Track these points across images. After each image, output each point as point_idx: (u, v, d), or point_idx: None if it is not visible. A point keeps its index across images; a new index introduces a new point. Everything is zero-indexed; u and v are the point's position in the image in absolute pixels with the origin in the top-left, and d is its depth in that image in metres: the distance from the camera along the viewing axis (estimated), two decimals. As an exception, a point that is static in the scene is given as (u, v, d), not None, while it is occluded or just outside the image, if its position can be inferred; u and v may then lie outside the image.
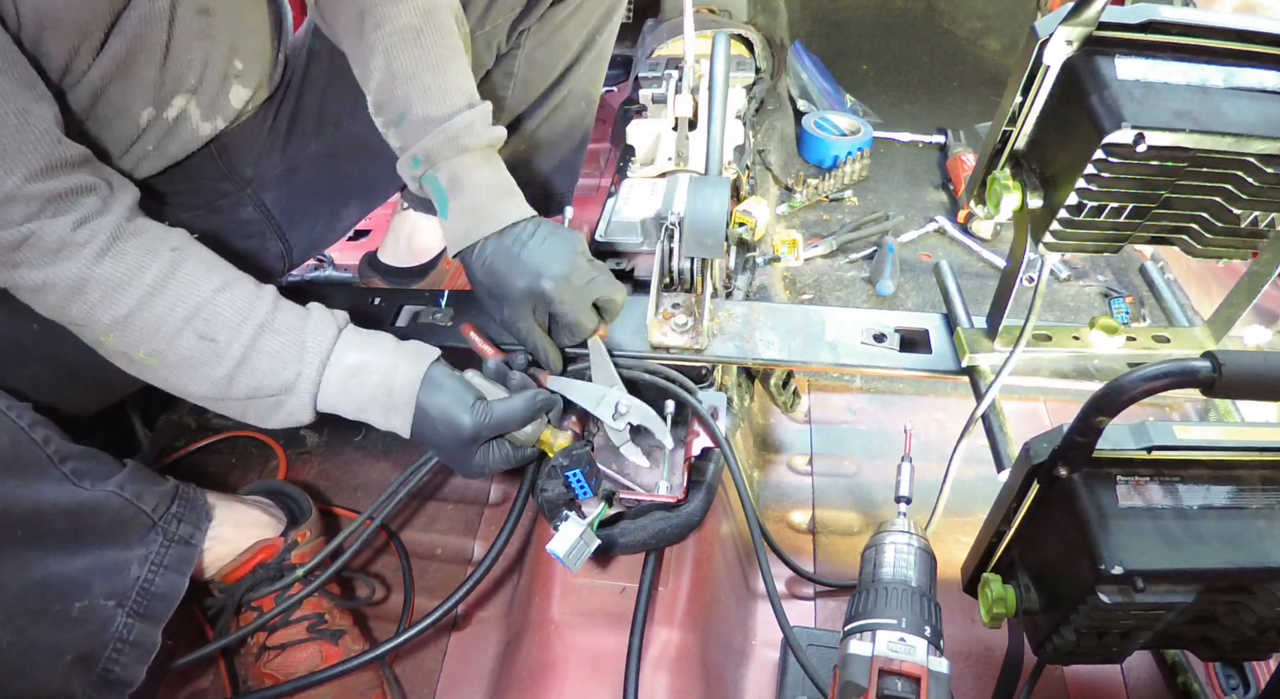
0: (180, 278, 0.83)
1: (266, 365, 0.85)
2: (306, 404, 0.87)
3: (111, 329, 0.81)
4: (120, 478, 0.88)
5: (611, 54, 1.35)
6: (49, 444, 0.82)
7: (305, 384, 0.86)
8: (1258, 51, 0.74)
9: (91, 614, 0.84)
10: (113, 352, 0.83)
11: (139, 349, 0.82)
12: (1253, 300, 0.94)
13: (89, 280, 0.78)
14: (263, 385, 0.85)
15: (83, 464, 0.85)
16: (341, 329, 0.90)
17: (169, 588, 0.90)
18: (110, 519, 0.86)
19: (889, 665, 0.68)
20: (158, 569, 0.89)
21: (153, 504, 0.90)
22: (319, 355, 0.87)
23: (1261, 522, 0.66)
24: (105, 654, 0.85)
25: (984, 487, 0.90)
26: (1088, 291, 1.60)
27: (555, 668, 0.90)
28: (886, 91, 2.29)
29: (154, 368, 0.84)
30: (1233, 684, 0.98)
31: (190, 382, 0.84)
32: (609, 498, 0.90)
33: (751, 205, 1.49)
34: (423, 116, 0.94)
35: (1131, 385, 0.60)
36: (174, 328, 0.82)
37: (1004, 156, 0.84)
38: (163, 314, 0.81)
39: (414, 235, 1.42)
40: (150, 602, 0.88)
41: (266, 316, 0.86)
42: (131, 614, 0.86)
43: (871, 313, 1.11)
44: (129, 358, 0.83)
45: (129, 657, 0.86)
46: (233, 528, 1.01)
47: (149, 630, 0.88)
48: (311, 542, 1.06)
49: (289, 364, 0.85)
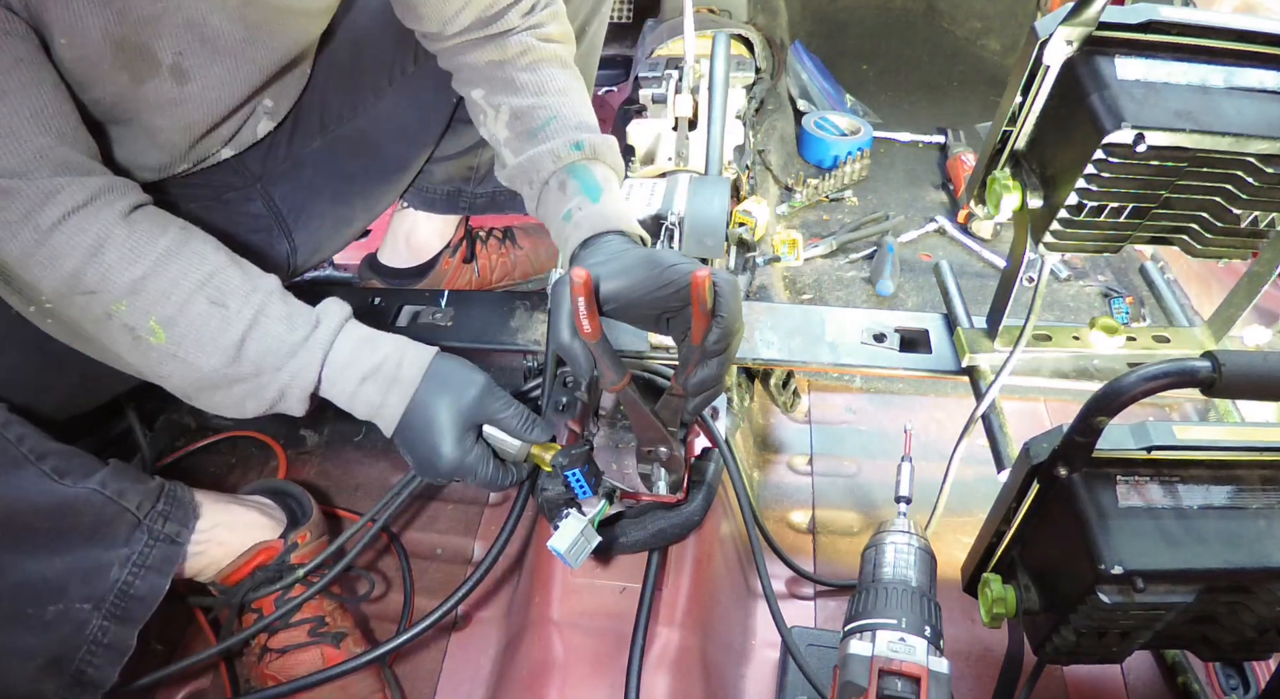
0: (193, 248, 0.83)
1: (277, 330, 0.83)
2: (315, 363, 0.83)
3: (125, 295, 0.79)
4: (102, 476, 0.87)
5: (612, 54, 1.36)
6: (23, 442, 0.81)
7: (318, 342, 0.84)
8: (1258, 51, 0.74)
9: (66, 618, 0.83)
10: (119, 327, 0.80)
11: (149, 317, 0.80)
12: (1253, 300, 0.94)
13: (108, 239, 0.77)
14: (272, 351, 0.82)
15: (63, 462, 0.84)
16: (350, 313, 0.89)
17: (149, 590, 0.89)
18: (92, 518, 0.85)
19: (889, 665, 0.68)
20: (139, 570, 0.88)
21: (136, 502, 0.89)
22: (334, 321, 0.86)
23: (1261, 522, 0.66)
24: (78, 656, 0.84)
25: (984, 487, 0.90)
26: (1088, 291, 1.60)
27: (555, 668, 0.90)
28: (886, 91, 2.29)
29: (159, 344, 0.81)
30: (1233, 684, 0.98)
31: (199, 353, 0.81)
32: (609, 495, 0.90)
33: (751, 205, 1.49)
34: (578, 122, 0.95)
35: (1131, 385, 0.60)
36: (186, 292, 0.80)
37: (1004, 156, 0.84)
38: (177, 277, 0.80)
39: (413, 233, 1.42)
40: (128, 604, 0.87)
41: (276, 287, 0.85)
42: (108, 616, 0.86)
43: (871, 313, 1.11)
44: (134, 334, 0.80)
45: (103, 659, 0.85)
46: (228, 530, 1.00)
47: (124, 632, 0.87)
48: (312, 543, 1.06)
49: (299, 327, 0.84)
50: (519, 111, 0.95)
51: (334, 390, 0.86)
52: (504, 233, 1.55)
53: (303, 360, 0.83)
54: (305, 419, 1.37)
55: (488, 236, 1.53)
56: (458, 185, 1.36)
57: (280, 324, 0.83)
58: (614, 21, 2.24)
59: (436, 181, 1.35)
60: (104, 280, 0.78)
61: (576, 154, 0.92)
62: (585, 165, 0.92)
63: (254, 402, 0.85)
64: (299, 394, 0.84)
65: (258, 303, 0.83)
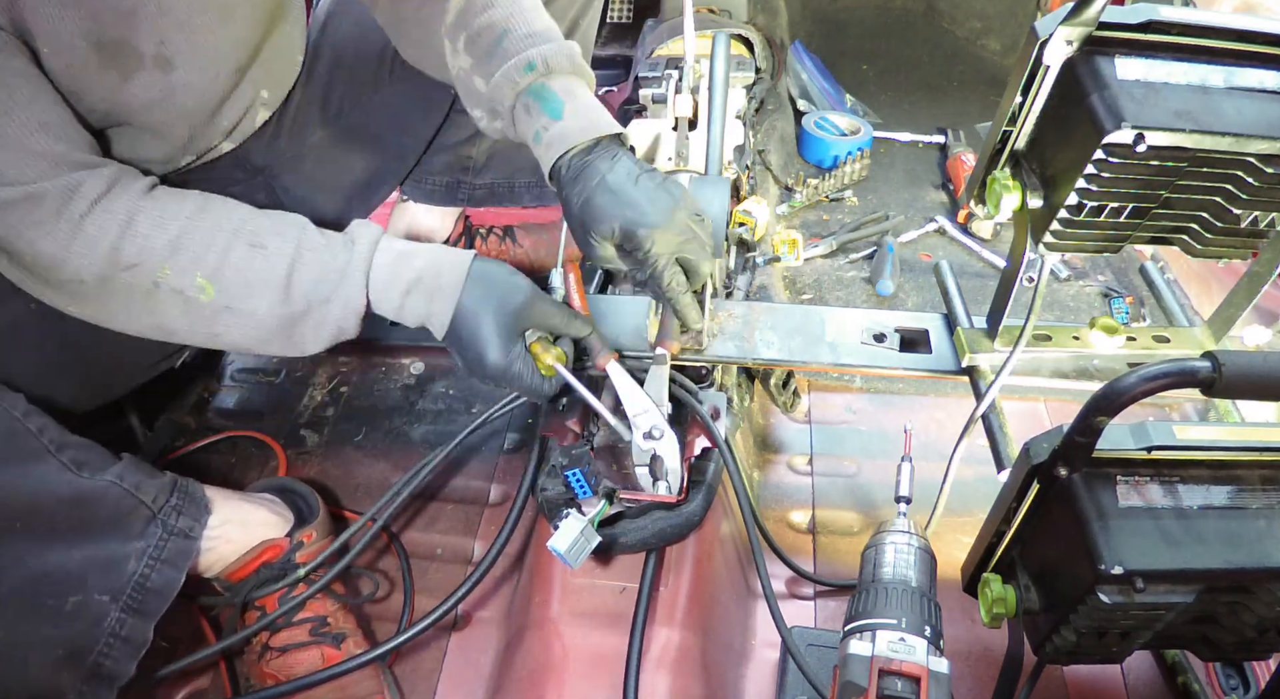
0: (217, 204, 0.86)
1: (318, 259, 0.86)
2: (360, 287, 0.86)
3: (166, 257, 0.81)
4: (119, 469, 0.88)
5: (612, 54, 1.36)
6: (44, 433, 0.82)
7: (359, 263, 0.87)
8: (1258, 51, 0.74)
9: (85, 609, 0.83)
10: (168, 293, 0.82)
11: (194, 274, 0.82)
12: (1253, 300, 0.94)
13: (137, 212, 0.80)
14: (320, 281, 0.85)
15: (81, 454, 0.85)
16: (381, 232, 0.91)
17: (164, 583, 0.89)
18: (110, 510, 0.86)
19: (889, 665, 0.68)
20: (155, 564, 0.89)
21: (152, 495, 0.90)
22: (369, 239, 0.89)
23: (1261, 522, 0.66)
24: (97, 649, 0.84)
25: (984, 487, 0.90)
26: (1088, 291, 1.60)
27: (555, 668, 0.90)
28: (886, 91, 2.29)
29: (210, 300, 0.83)
30: (1233, 684, 0.98)
31: (250, 298, 0.84)
32: (609, 495, 0.90)
33: (751, 205, 1.49)
34: (527, 33, 0.90)
35: (1131, 385, 0.60)
36: (225, 242, 0.83)
37: (1004, 156, 0.83)
38: (211, 229, 0.83)
39: (412, 228, 1.42)
40: (145, 597, 0.88)
41: (305, 221, 0.88)
42: (125, 609, 0.86)
43: (871, 313, 1.11)
44: (184, 296, 0.82)
45: (120, 652, 0.86)
46: (238, 527, 1.01)
47: (141, 626, 0.87)
48: (317, 542, 1.06)
49: (338, 253, 0.87)
50: (472, 35, 0.92)
51: (383, 306, 0.89)
52: (504, 231, 1.55)
53: (348, 285, 0.86)
54: (305, 419, 1.38)
55: (488, 234, 1.53)
56: (456, 176, 1.37)
57: (320, 253, 0.86)
58: (614, 21, 2.24)
59: (435, 172, 1.35)
60: (142, 250, 0.80)
61: (530, 75, 0.89)
62: (543, 84, 0.89)
63: (314, 336, 0.88)
64: (353, 319, 0.88)
65: (294, 237, 0.86)
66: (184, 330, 0.85)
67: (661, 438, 0.92)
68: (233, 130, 1.02)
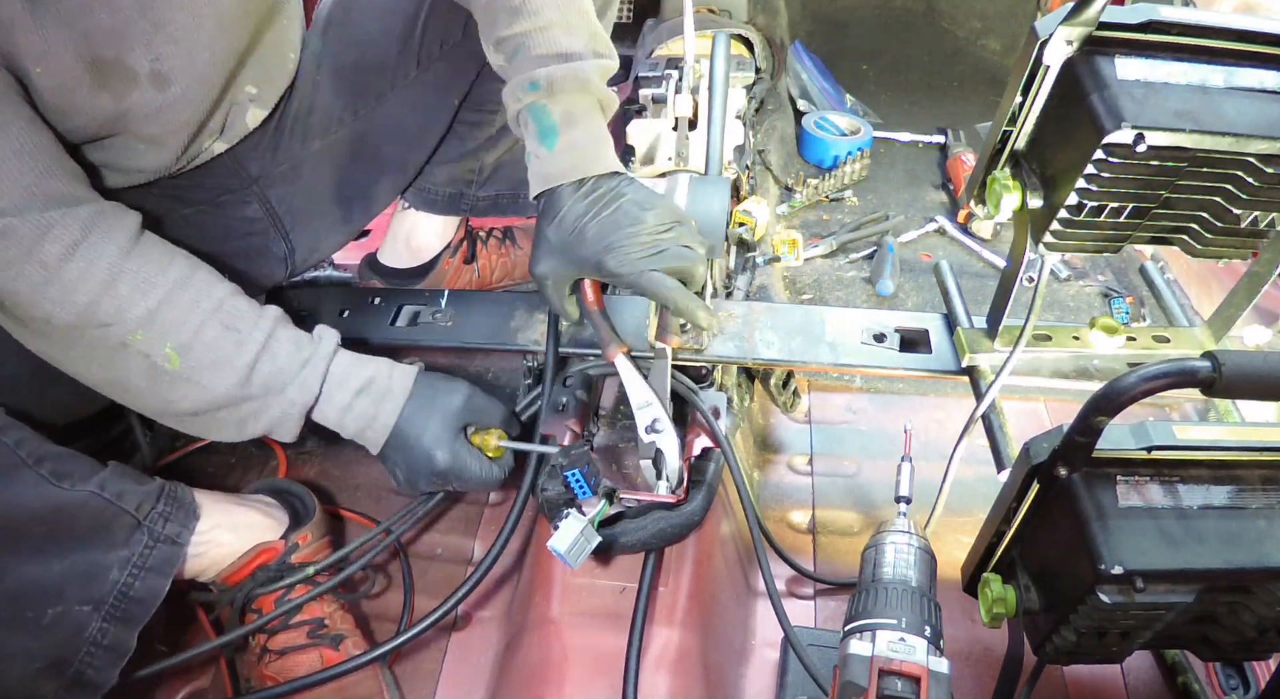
0: (200, 277, 0.89)
1: (286, 350, 0.90)
2: (318, 378, 0.91)
3: (141, 325, 0.83)
4: (101, 478, 0.87)
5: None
6: (22, 446, 0.81)
7: (323, 355, 0.92)
8: (1258, 51, 0.74)
9: (65, 620, 0.83)
10: (135, 354, 0.84)
11: (165, 344, 0.84)
12: (1253, 300, 0.94)
13: (121, 273, 0.82)
14: (281, 370, 0.89)
15: (61, 465, 0.84)
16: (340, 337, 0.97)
17: (148, 591, 0.88)
18: (90, 521, 0.85)
19: (889, 665, 0.68)
20: (139, 572, 0.88)
21: (136, 503, 0.89)
22: (331, 340, 0.95)
23: (1261, 522, 0.66)
24: (78, 658, 0.84)
25: (984, 487, 0.90)
26: (1088, 291, 1.60)
27: (555, 668, 0.90)
28: (886, 91, 2.29)
29: (174, 369, 0.85)
30: (1233, 684, 0.98)
31: (213, 375, 0.87)
32: (609, 495, 0.90)
33: (751, 205, 1.49)
34: (542, 52, 0.89)
35: (1131, 385, 0.60)
36: (200, 319, 0.86)
37: (1004, 156, 0.84)
38: (189, 305, 0.86)
39: (413, 233, 1.41)
40: (128, 605, 0.87)
41: (280, 313, 0.93)
42: (107, 618, 0.85)
43: (871, 313, 1.11)
44: (150, 360, 0.84)
45: (103, 660, 0.85)
46: (228, 531, 0.99)
47: (124, 634, 0.87)
48: (314, 543, 1.05)
49: (304, 347, 0.92)
50: (499, 41, 0.92)
51: (328, 407, 0.93)
52: (504, 233, 1.55)
53: (307, 376, 0.91)
54: (305, 419, 1.37)
55: (488, 237, 1.53)
56: (460, 188, 1.36)
57: (289, 345, 0.91)
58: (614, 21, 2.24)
59: (439, 183, 1.35)
60: (119, 311, 0.82)
61: (533, 94, 0.89)
62: (543, 106, 0.89)
63: (254, 422, 0.91)
64: (297, 413, 0.92)
65: (267, 327, 0.90)
66: (140, 390, 0.88)
67: (663, 432, 0.92)
68: (224, 131, 1.01)
